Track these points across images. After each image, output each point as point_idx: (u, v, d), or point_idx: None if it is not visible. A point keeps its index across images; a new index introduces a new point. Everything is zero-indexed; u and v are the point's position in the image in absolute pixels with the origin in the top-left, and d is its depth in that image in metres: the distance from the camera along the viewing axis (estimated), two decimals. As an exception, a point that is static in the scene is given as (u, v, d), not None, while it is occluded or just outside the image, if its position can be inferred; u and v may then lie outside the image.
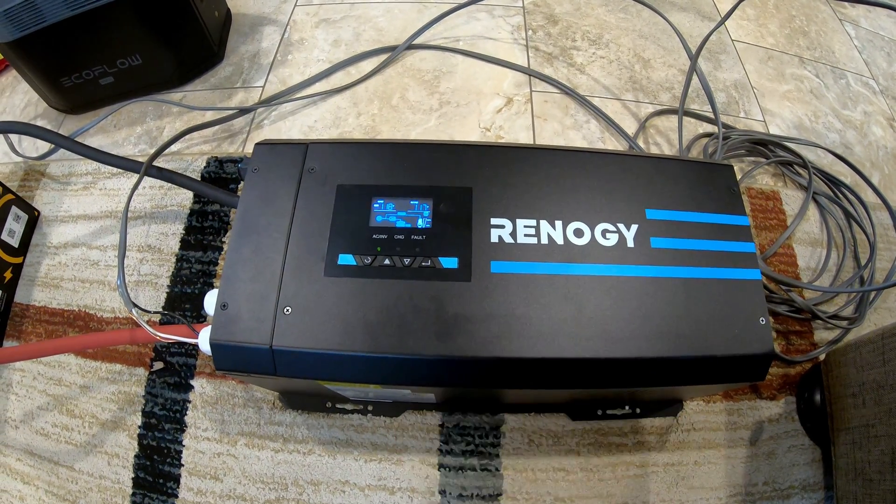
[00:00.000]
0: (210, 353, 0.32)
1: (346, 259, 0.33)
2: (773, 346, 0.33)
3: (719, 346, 0.32)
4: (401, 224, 0.34)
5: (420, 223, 0.34)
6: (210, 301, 0.34)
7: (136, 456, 0.44)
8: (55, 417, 0.46)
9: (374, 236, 0.33)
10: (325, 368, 0.32)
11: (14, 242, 0.52)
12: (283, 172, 0.36)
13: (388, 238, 0.33)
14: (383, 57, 0.63)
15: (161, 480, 0.43)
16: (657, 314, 0.32)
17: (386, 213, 0.34)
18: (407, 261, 0.32)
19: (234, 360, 0.32)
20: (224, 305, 0.32)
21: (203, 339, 0.34)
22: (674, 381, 0.33)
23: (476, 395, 0.41)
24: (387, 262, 0.32)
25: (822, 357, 0.47)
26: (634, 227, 0.34)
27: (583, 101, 0.60)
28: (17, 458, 0.45)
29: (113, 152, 0.49)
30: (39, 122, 0.62)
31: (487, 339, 0.31)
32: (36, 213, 0.55)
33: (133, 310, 0.38)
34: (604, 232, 0.34)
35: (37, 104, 0.63)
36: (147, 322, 0.37)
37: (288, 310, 0.31)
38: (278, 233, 0.34)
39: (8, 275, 0.51)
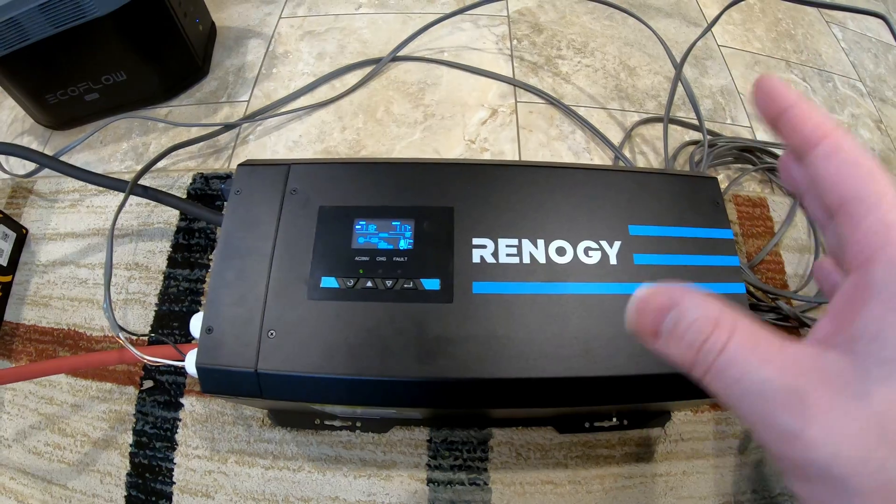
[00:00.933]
0: (196, 376, 0.32)
1: (329, 282, 0.33)
2: (755, 359, 0.33)
3: (703, 361, 0.32)
4: (383, 245, 0.34)
5: (402, 244, 0.34)
6: (195, 324, 0.34)
7: (128, 474, 0.44)
8: (47, 436, 0.46)
9: (356, 258, 0.33)
10: (310, 391, 0.32)
11: (2, 261, 0.52)
12: (266, 194, 0.36)
13: (371, 260, 0.33)
14: (368, 69, 0.63)
15: (153, 498, 0.43)
16: (640, 330, 0.32)
17: (368, 234, 0.34)
18: (389, 283, 0.33)
19: (220, 383, 0.32)
20: (209, 329, 0.32)
21: (189, 362, 0.34)
22: (658, 398, 0.33)
23: (461, 413, 0.41)
24: (369, 284, 0.33)
25: (809, 364, 0.47)
26: (617, 244, 0.34)
27: (568, 112, 0.60)
28: (11, 476, 0.45)
29: (100, 169, 0.50)
30: (26, 139, 0.62)
31: (470, 361, 0.31)
32: (24, 231, 0.55)
33: (119, 333, 0.38)
34: (586, 250, 0.34)
35: (23, 120, 0.63)
36: (136, 342, 0.37)
37: (272, 333, 0.32)
38: (261, 256, 0.34)
39: (-3, 294, 0.51)
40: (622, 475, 0.43)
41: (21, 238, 0.54)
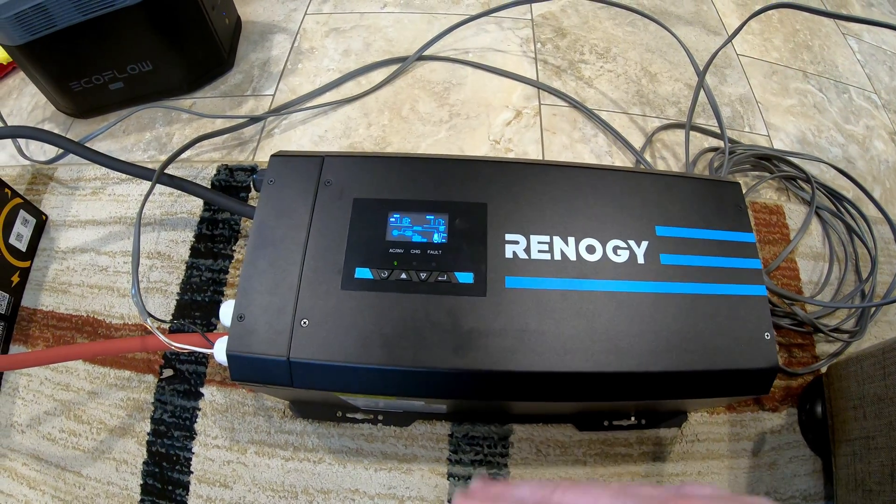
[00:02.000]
0: (226, 364, 0.33)
1: (363, 273, 0.33)
2: (777, 360, 0.33)
3: (725, 361, 0.33)
4: (417, 238, 0.34)
5: (436, 238, 0.34)
6: (226, 312, 0.34)
7: (144, 462, 0.44)
8: (62, 423, 0.46)
9: (390, 250, 0.34)
10: (342, 380, 0.32)
11: (22, 246, 0.52)
12: (299, 185, 0.36)
13: (405, 252, 0.34)
14: (393, 68, 0.63)
15: (170, 487, 0.43)
16: (666, 329, 0.33)
17: (402, 227, 0.34)
18: (423, 275, 0.33)
19: (250, 371, 0.32)
20: (241, 317, 0.32)
21: (219, 350, 0.34)
22: (681, 395, 0.34)
23: (491, 405, 0.42)
24: (403, 276, 0.33)
25: (824, 370, 0.48)
26: (645, 244, 0.35)
27: (591, 115, 0.60)
28: (24, 462, 0.45)
29: (122, 158, 0.50)
30: (47, 126, 0.62)
31: (501, 354, 0.31)
32: (44, 218, 0.55)
33: (147, 319, 0.38)
34: (615, 248, 0.35)
35: (44, 107, 0.63)
36: (158, 330, 0.37)
37: (305, 322, 0.32)
38: (295, 245, 0.34)
39: (15, 279, 0.51)
40: (639, 474, 0.43)
41: (41, 224, 0.54)
